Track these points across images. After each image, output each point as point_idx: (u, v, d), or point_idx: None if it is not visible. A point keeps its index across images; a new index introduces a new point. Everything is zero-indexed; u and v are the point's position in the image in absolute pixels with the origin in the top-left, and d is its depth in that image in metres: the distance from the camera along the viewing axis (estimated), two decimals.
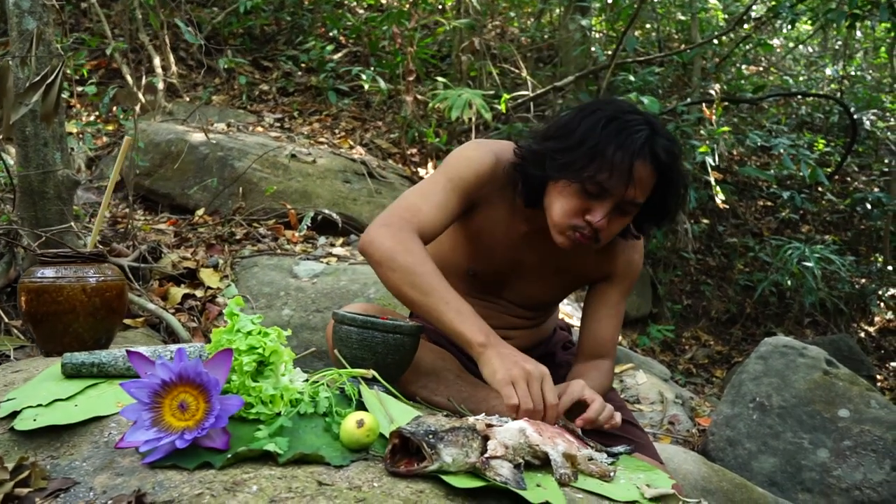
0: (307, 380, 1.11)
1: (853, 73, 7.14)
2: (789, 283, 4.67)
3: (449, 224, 1.35)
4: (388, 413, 1.08)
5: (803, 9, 5.30)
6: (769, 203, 6.09)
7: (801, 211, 5.86)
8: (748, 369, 2.84)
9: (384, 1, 6.06)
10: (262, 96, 5.25)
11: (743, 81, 6.52)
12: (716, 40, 5.92)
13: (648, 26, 6.90)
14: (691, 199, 4.40)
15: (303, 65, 5.58)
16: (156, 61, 4.73)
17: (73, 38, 4.82)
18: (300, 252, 3.16)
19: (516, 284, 1.47)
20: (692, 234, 4.98)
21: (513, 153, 1.35)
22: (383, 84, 4.85)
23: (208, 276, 2.86)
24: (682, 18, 6.57)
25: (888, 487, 2.44)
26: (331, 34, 5.84)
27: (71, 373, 1.12)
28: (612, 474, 1.05)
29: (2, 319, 2.22)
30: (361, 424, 0.96)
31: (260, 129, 4.45)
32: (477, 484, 0.89)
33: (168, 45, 4.90)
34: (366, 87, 5.00)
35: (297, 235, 3.32)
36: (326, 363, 1.62)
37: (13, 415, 1.02)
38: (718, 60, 6.17)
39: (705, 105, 4.89)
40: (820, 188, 5.90)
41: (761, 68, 7.39)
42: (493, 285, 1.48)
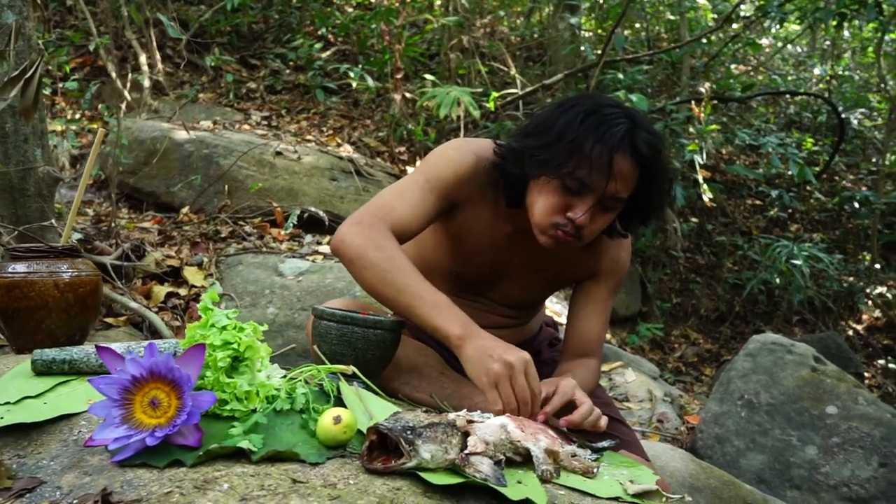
0: (285, 376, 1.08)
1: (841, 73, 7.18)
2: (778, 282, 4.67)
3: (426, 223, 1.32)
4: (368, 410, 1.05)
5: (791, 8, 5.32)
6: (758, 202, 6.11)
7: (790, 209, 5.88)
8: (737, 366, 2.83)
9: None
10: (250, 94, 5.21)
11: (732, 81, 6.53)
12: (704, 39, 5.93)
13: (638, 26, 6.91)
14: (680, 198, 4.40)
15: (291, 63, 5.55)
16: (142, 59, 4.68)
17: (57, 34, 4.77)
18: (286, 250, 3.12)
19: (501, 284, 1.45)
20: (681, 233, 4.98)
21: (493, 151, 1.33)
22: (371, 82, 4.82)
23: (192, 275, 2.83)
24: (672, 18, 6.58)
25: (875, 484, 2.43)
26: (319, 32, 5.81)
27: (41, 370, 1.09)
28: (596, 470, 1.03)
29: None
30: (338, 421, 0.94)
31: (247, 127, 4.41)
32: (456, 481, 0.87)
33: (154, 43, 4.86)
34: (354, 85, 4.97)
35: (283, 233, 3.29)
36: (310, 361, 1.60)
37: None
38: (707, 60, 6.18)
39: (694, 103, 4.89)
40: (808, 187, 5.92)
41: (750, 68, 7.41)
42: (478, 285, 1.46)
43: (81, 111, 4.42)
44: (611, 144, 1.18)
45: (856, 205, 5.54)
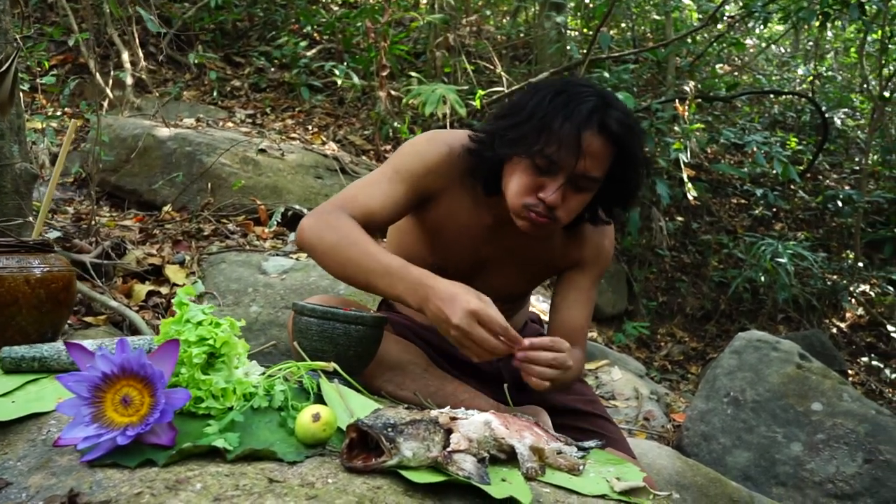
0: (264, 373, 1.05)
1: (824, 73, 7.23)
2: (763, 280, 4.69)
3: (395, 213, 1.30)
4: (349, 407, 1.03)
5: (775, 8, 5.35)
6: (743, 200, 6.13)
7: (774, 208, 5.91)
8: (722, 364, 2.83)
9: None
10: (234, 92, 5.16)
11: (717, 80, 6.56)
12: (689, 39, 5.95)
13: (623, 25, 6.93)
14: (665, 196, 4.40)
15: (275, 61, 5.50)
16: (124, 56, 4.62)
17: (36, 30, 4.69)
18: (270, 248, 3.09)
19: (484, 276, 1.43)
20: (667, 232, 4.99)
21: (468, 139, 1.31)
22: (357, 80, 4.79)
23: (174, 273, 2.78)
24: (657, 18, 6.60)
25: (860, 480, 2.44)
26: (304, 30, 5.76)
27: (10, 368, 1.05)
28: (582, 468, 1.01)
29: None
30: (317, 418, 0.91)
31: (231, 125, 4.36)
32: (438, 479, 0.84)
33: (137, 40, 4.80)
34: (339, 83, 4.93)
35: (267, 231, 3.25)
36: (292, 359, 1.56)
37: None
38: (692, 59, 6.20)
39: (679, 102, 4.90)
40: (792, 186, 5.95)
41: (734, 68, 7.45)
42: (461, 278, 1.43)
43: (61, 107, 4.35)
44: (578, 121, 1.16)
45: (839, 203, 5.58)
